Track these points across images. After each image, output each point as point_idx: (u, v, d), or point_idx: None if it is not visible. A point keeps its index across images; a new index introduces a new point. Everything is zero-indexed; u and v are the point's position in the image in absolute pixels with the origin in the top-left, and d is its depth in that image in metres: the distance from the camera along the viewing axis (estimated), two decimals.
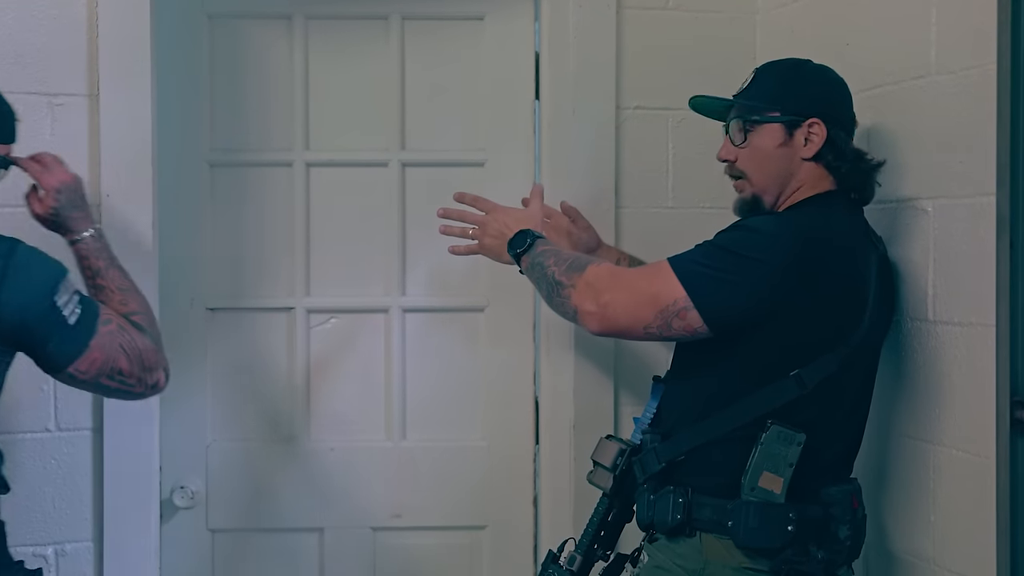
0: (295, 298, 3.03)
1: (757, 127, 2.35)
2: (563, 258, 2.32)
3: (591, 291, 2.23)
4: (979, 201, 2.22)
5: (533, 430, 3.09)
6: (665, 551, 2.26)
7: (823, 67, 2.40)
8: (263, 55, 3.01)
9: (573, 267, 2.28)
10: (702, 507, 2.22)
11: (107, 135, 2.70)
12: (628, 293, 2.21)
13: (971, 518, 2.26)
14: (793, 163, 2.33)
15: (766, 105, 2.35)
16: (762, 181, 2.37)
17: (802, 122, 2.31)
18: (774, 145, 2.33)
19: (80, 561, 2.74)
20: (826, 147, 2.31)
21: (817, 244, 2.20)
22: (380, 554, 3.08)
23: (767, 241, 2.17)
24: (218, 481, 3.01)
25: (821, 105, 2.33)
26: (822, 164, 2.33)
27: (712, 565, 2.19)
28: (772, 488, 2.16)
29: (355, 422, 3.07)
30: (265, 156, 3.02)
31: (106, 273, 2.31)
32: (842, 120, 2.34)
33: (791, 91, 2.35)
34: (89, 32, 2.69)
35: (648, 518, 2.28)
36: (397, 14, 3.03)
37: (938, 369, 2.37)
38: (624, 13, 2.99)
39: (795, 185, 2.35)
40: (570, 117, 2.98)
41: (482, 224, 2.54)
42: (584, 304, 2.23)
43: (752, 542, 2.16)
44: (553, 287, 2.30)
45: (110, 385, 2.16)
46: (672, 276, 2.17)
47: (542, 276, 2.34)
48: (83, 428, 2.72)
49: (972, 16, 2.24)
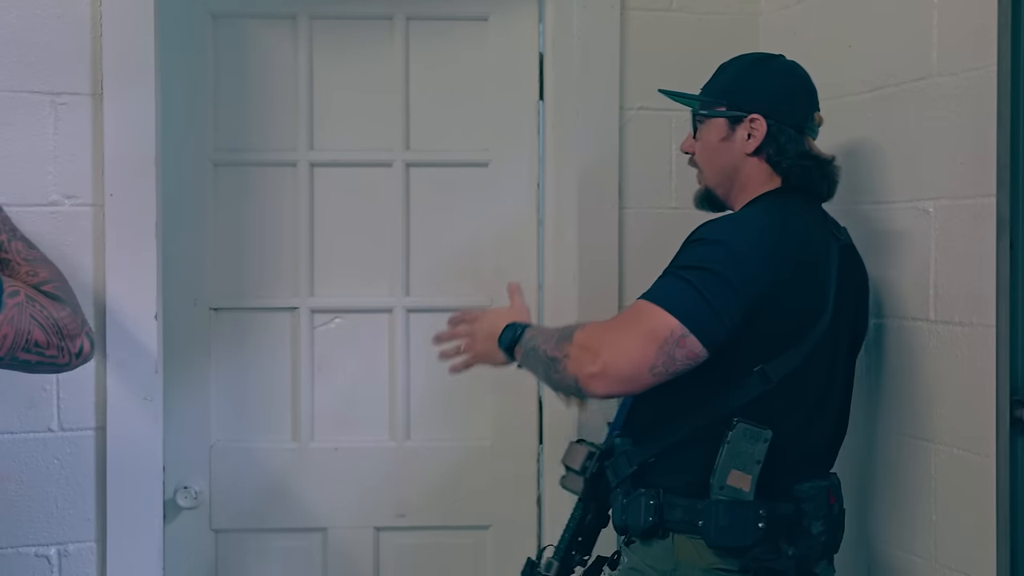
0: (299, 298, 3.04)
1: (706, 121, 2.38)
2: (550, 334, 2.26)
3: (587, 354, 2.13)
4: (980, 202, 2.22)
5: (537, 430, 3.10)
6: (639, 553, 2.27)
7: (786, 64, 2.40)
8: (267, 55, 3.02)
9: (561, 338, 2.21)
10: (673, 508, 2.21)
11: (111, 134, 2.70)
12: (623, 340, 2.12)
13: (972, 517, 2.26)
14: (736, 157, 2.34)
15: (714, 100, 2.38)
16: (711, 175, 2.40)
17: (744, 117, 2.32)
18: (718, 139, 2.36)
19: (83, 562, 2.74)
20: (768, 143, 2.32)
21: (775, 241, 2.19)
22: (384, 554, 3.08)
23: (732, 252, 2.14)
24: (222, 481, 3.01)
25: (766, 101, 2.32)
26: (765, 160, 2.33)
27: (683, 566, 2.19)
28: (741, 486, 2.15)
29: (359, 422, 3.07)
30: (269, 156, 3.02)
31: (9, 246, 2.23)
32: (789, 117, 2.33)
33: (739, 86, 2.36)
34: (93, 31, 2.69)
35: (622, 521, 2.28)
36: (402, 14, 3.04)
37: (939, 368, 2.37)
38: (628, 14, 2.99)
39: (743, 180, 2.35)
40: (574, 118, 2.98)
41: (470, 334, 2.48)
42: (583, 368, 2.13)
43: (723, 541, 2.15)
44: (549, 365, 2.22)
45: (31, 360, 2.08)
46: (658, 309, 2.11)
47: (536, 360, 2.27)
48: (86, 428, 2.72)
49: (973, 18, 2.25)
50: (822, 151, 2.37)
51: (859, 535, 2.64)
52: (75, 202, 2.70)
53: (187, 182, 2.96)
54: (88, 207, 2.71)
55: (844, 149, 2.67)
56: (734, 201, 2.39)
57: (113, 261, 2.71)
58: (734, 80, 2.38)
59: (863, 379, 2.61)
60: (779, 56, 2.42)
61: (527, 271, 3.06)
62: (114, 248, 2.71)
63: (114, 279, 2.71)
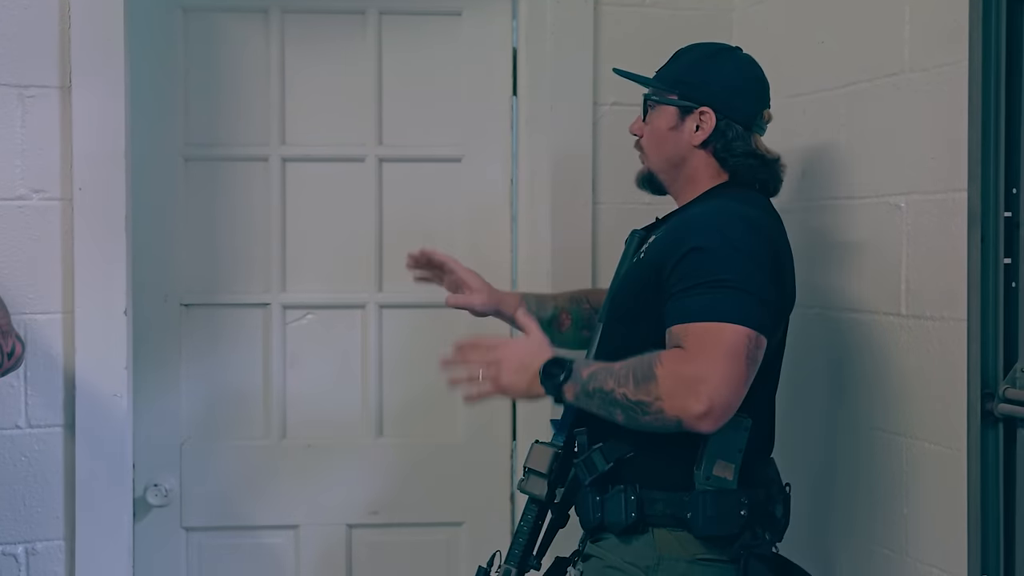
0: (271, 294, 3.03)
1: (657, 107, 2.37)
2: (621, 375, 2.09)
3: (684, 392, 2.02)
4: (951, 197, 2.23)
5: (510, 427, 3.10)
6: (615, 550, 2.23)
7: (741, 58, 2.38)
8: (239, 49, 3.00)
9: (641, 379, 2.06)
10: (654, 503, 2.19)
11: (79, 128, 2.68)
12: (715, 369, 2.02)
13: (943, 510, 2.27)
14: (684, 148, 2.33)
15: (667, 87, 2.36)
16: (656, 160, 2.39)
17: (694, 109, 2.31)
18: (666, 127, 2.34)
19: (51, 560, 2.71)
20: (716, 137, 2.30)
21: (761, 235, 2.19)
22: (356, 551, 3.07)
23: (737, 249, 2.12)
24: (192, 479, 2.99)
25: (717, 95, 2.30)
26: (712, 154, 2.32)
27: (666, 560, 2.17)
28: (725, 475, 2.15)
29: (332, 419, 3.06)
30: (240, 150, 3.01)
31: None
32: (739, 113, 2.31)
33: (693, 77, 2.34)
34: (61, 23, 2.67)
35: (595, 519, 2.23)
36: (374, 9, 3.03)
37: (910, 363, 2.38)
38: (601, 9, 2.99)
39: (689, 172, 2.34)
40: (547, 113, 2.98)
41: (496, 363, 2.24)
42: (688, 410, 2.01)
43: (711, 531, 2.15)
44: (634, 410, 2.07)
45: None
46: (722, 325, 2.05)
47: (608, 402, 2.10)
48: (54, 425, 2.70)
49: (944, 14, 2.26)
50: (769, 149, 2.34)
51: (830, 529, 2.65)
52: (43, 196, 2.68)
53: (157, 176, 2.94)
54: (57, 201, 2.69)
55: (816, 144, 2.68)
56: (679, 189, 2.37)
57: (82, 256, 2.69)
58: (688, 70, 2.36)
59: (835, 374, 2.62)
60: (736, 49, 2.40)
61: (500, 267, 3.06)
62: (83, 243, 2.69)
63: (83, 274, 2.69)
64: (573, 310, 2.70)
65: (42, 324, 2.68)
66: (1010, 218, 1.96)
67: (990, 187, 1.98)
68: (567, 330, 2.72)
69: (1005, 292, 1.97)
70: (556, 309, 2.69)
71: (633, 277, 2.29)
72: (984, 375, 1.98)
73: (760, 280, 2.11)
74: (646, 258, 2.26)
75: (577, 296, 2.74)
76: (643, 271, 2.24)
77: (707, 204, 2.28)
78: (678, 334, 2.08)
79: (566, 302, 2.71)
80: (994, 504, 1.98)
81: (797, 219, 2.68)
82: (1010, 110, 1.97)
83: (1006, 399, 1.96)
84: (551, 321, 2.67)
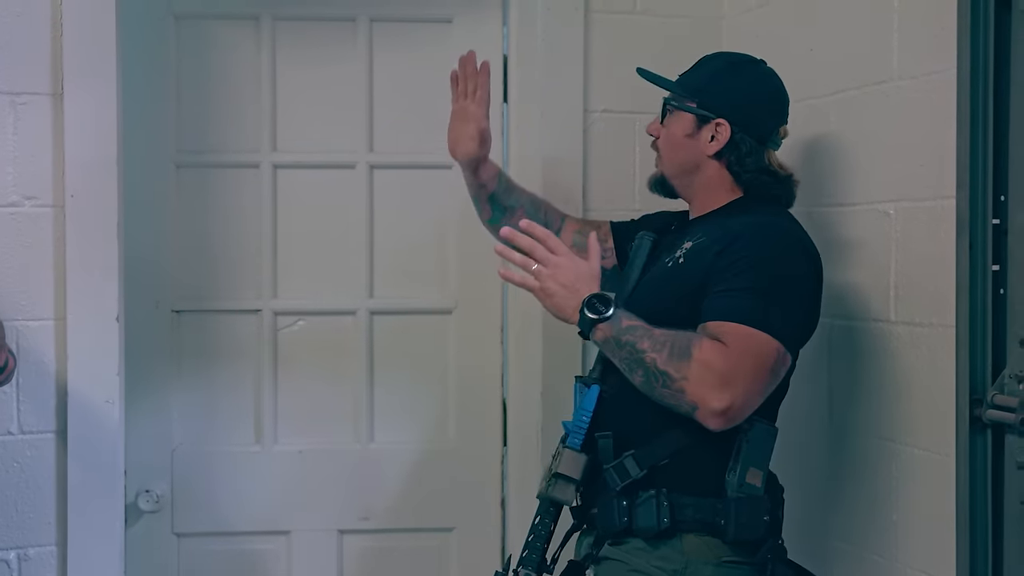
0: (262, 300, 3.03)
1: (675, 112, 2.38)
2: (658, 341, 2.13)
3: (712, 382, 2.07)
4: (940, 204, 2.24)
5: (501, 432, 3.10)
6: (640, 555, 2.23)
7: (765, 72, 2.40)
8: (230, 56, 3.00)
9: (677, 353, 2.10)
10: (684, 508, 2.20)
11: (71, 135, 2.68)
12: (746, 375, 2.08)
13: (932, 516, 2.28)
14: (698, 156, 2.35)
15: (688, 94, 2.37)
16: (669, 165, 2.41)
17: (711, 119, 2.32)
18: (683, 134, 2.36)
19: (43, 566, 2.71)
20: (729, 149, 2.33)
21: (811, 249, 2.26)
22: (347, 557, 3.07)
23: (790, 268, 2.18)
24: (184, 485, 2.99)
25: (736, 108, 2.32)
26: (725, 166, 2.34)
27: (693, 563, 2.19)
28: (755, 482, 2.18)
29: (322, 425, 3.06)
30: (232, 157, 3.01)
31: None
32: (754, 128, 2.33)
33: (713, 87, 2.35)
34: (53, 30, 2.67)
35: (622, 524, 2.23)
36: (365, 16, 3.03)
37: (899, 369, 2.39)
38: (592, 17, 3.00)
39: (704, 180, 2.36)
40: (538, 120, 2.99)
41: (553, 265, 2.23)
42: (708, 401, 2.07)
43: (742, 536, 2.18)
44: (656, 377, 2.11)
45: None
46: (762, 334, 2.10)
47: (634, 359, 2.14)
48: (47, 431, 2.70)
49: (933, 22, 2.27)
50: (783, 164, 2.37)
51: (820, 535, 2.65)
52: (35, 203, 2.69)
53: (149, 183, 2.93)
54: (49, 208, 2.69)
55: (806, 152, 2.69)
56: (693, 196, 2.40)
57: (74, 263, 2.69)
58: (709, 79, 2.38)
59: (825, 380, 2.63)
60: (760, 62, 2.41)
61: (492, 275, 3.05)
62: (75, 250, 2.69)
63: (75, 281, 2.69)
64: (530, 212, 2.71)
65: (34, 330, 2.68)
66: (998, 225, 1.98)
67: (978, 194, 1.99)
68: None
69: (993, 299, 1.98)
70: (518, 202, 2.71)
71: (671, 282, 2.29)
72: (972, 381, 2.00)
73: (803, 303, 2.19)
74: (687, 264, 2.26)
75: (537, 202, 2.76)
76: (685, 279, 2.25)
77: (754, 216, 2.28)
78: (717, 328, 2.12)
79: (528, 203, 2.74)
80: (982, 510, 2.00)
81: None
82: (998, 117, 1.98)
83: (994, 405, 1.97)
84: (507, 210, 2.69)
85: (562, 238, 2.60)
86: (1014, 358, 1.94)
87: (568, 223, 2.74)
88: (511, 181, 2.76)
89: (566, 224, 2.73)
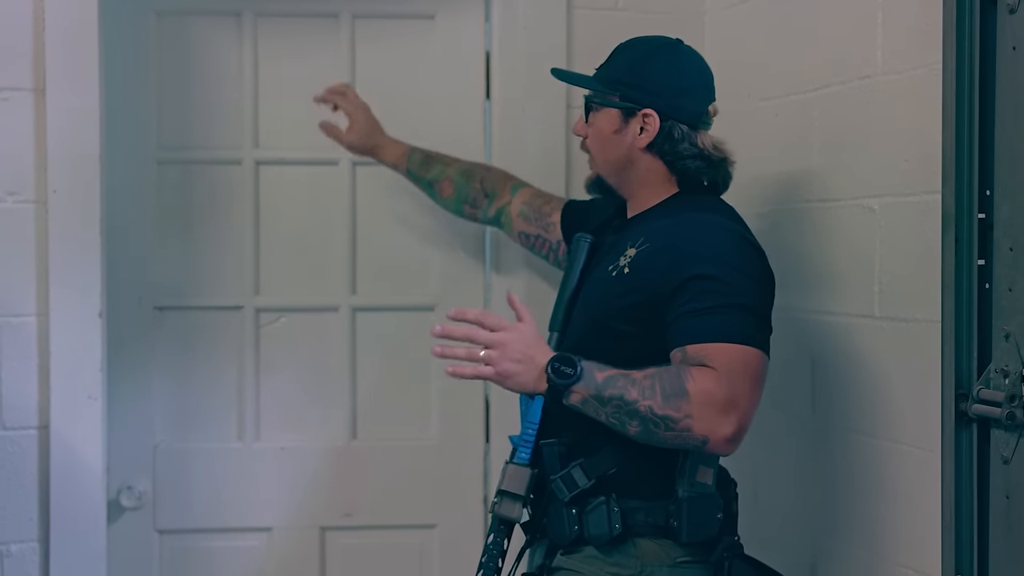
0: (244, 297, 3.02)
1: (599, 109, 2.31)
2: (645, 386, 2.05)
3: (715, 412, 2.02)
4: (924, 199, 2.25)
5: (483, 429, 3.10)
6: (594, 563, 2.20)
7: (684, 53, 2.33)
8: (212, 52, 2.99)
9: (668, 394, 2.03)
10: (635, 512, 2.17)
11: (53, 131, 2.67)
12: (744, 393, 2.05)
13: (917, 511, 2.29)
14: (631, 151, 2.28)
15: (608, 88, 2.30)
16: (602, 164, 2.34)
17: (637, 110, 2.25)
18: (610, 130, 2.29)
19: (25, 562, 2.70)
20: (661, 139, 2.26)
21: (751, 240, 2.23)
22: (330, 554, 3.07)
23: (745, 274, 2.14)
24: (166, 481, 2.98)
25: (660, 96, 2.25)
26: (659, 156, 2.27)
27: (648, 567, 2.17)
28: (706, 480, 2.16)
29: (305, 421, 3.06)
30: (214, 154, 3.00)
31: None
32: (683, 113, 2.26)
33: (634, 77, 2.28)
34: (35, 26, 2.66)
35: (573, 533, 2.19)
36: (347, 12, 3.03)
37: (884, 365, 2.40)
38: (574, 13, 3.01)
39: (640, 174, 2.30)
40: (520, 116, 2.99)
41: (500, 344, 2.11)
42: (718, 431, 2.02)
43: (695, 536, 2.15)
44: (656, 423, 2.04)
45: None
46: (747, 348, 2.06)
47: (624, 412, 2.06)
48: (29, 427, 2.69)
49: (917, 17, 2.27)
50: (716, 144, 2.30)
51: (805, 531, 2.66)
52: (17, 199, 2.67)
53: (131, 179, 2.92)
54: (31, 204, 2.68)
55: (789, 147, 2.69)
56: (631, 192, 2.34)
57: (56, 259, 2.68)
58: (628, 69, 2.30)
59: (809, 376, 2.64)
60: (677, 43, 2.34)
61: (474, 271, 3.07)
62: (57, 245, 2.68)
63: (57, 277, 2.68)
64: (459, 181, 2.72)
65: (16, 326, 2.67)
66: (984, 220, 1.97)
67: (964, 189, 1.99)
68: (447, 198, 2.77)
69: (979, 294, 1.98)
70: (441, 174, 2.71)
71: (615, 293, 2.22)
72: (958, 376, 1.99)
73: (766, 299, 2.17)
74: (633, 276, 2.19)
75: (471, 171, 2.75)
76: (629, 288, 2.19)
77: (692, 217, 2.23)
78: (700, 352, 2.05)
79: (456, 172, 2.74)
80: (968, 505, 2.00)
81: (771, 222, 2.71)
82: (983, 112, 1.97)
83: (980, 400, 1.97)
84: (432, 183, 2.69)
85: (512, 207, 2.64)
86: (1000, 353, 1.94)
87: (520, 193, 2.73)
88: (430, 155, 2.78)
89: (517, 195, 2.72)
